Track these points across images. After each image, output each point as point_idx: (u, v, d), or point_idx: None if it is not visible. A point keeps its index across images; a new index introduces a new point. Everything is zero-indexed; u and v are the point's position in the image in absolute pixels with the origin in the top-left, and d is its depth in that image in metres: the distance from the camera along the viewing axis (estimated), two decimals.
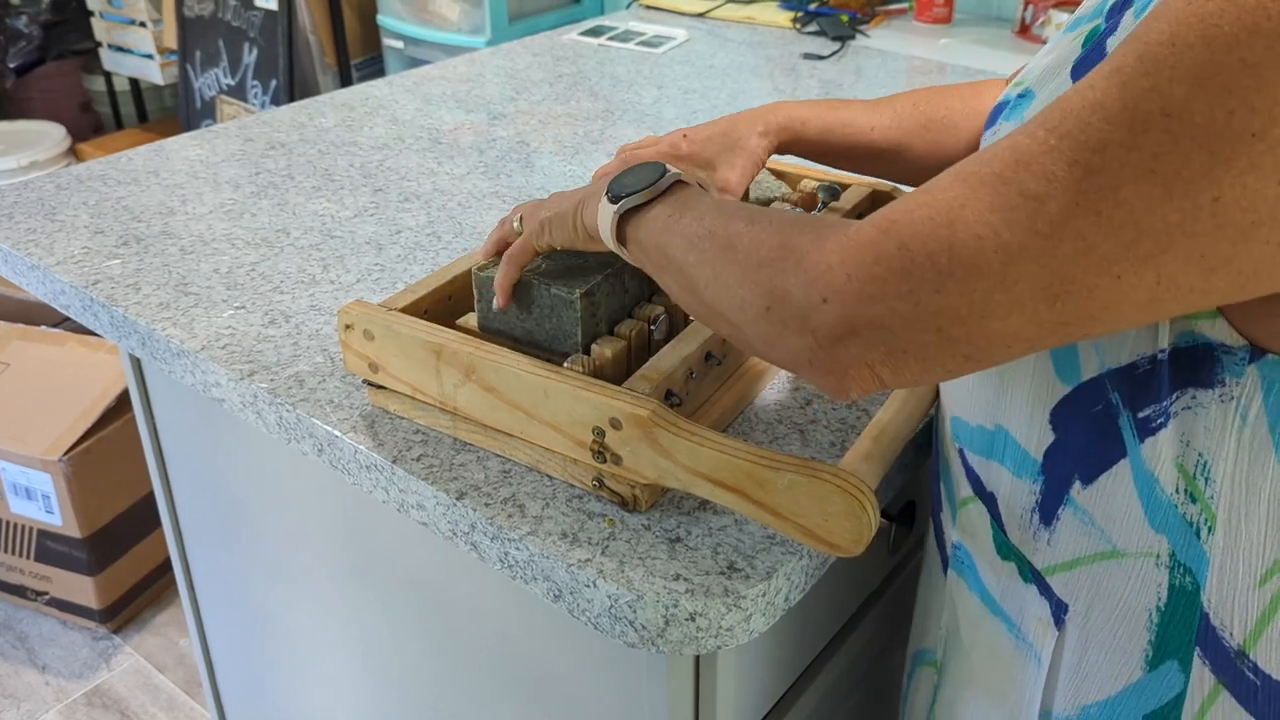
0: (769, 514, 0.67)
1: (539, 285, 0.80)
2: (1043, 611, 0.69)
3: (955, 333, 0.51)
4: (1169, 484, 0.60)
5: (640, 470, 0.72)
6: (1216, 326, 0.55)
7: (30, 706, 1.97)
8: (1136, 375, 0.59)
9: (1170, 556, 0.61)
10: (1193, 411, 0.57)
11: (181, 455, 1.23)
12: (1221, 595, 0.60)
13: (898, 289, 0.51)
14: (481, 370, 0.77)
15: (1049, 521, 0.67)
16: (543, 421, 0.75)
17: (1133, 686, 0.65)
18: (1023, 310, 0.49)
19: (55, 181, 1.29)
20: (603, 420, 0.72)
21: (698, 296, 0.64)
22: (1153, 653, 0.64)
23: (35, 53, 3.43)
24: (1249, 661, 0.60)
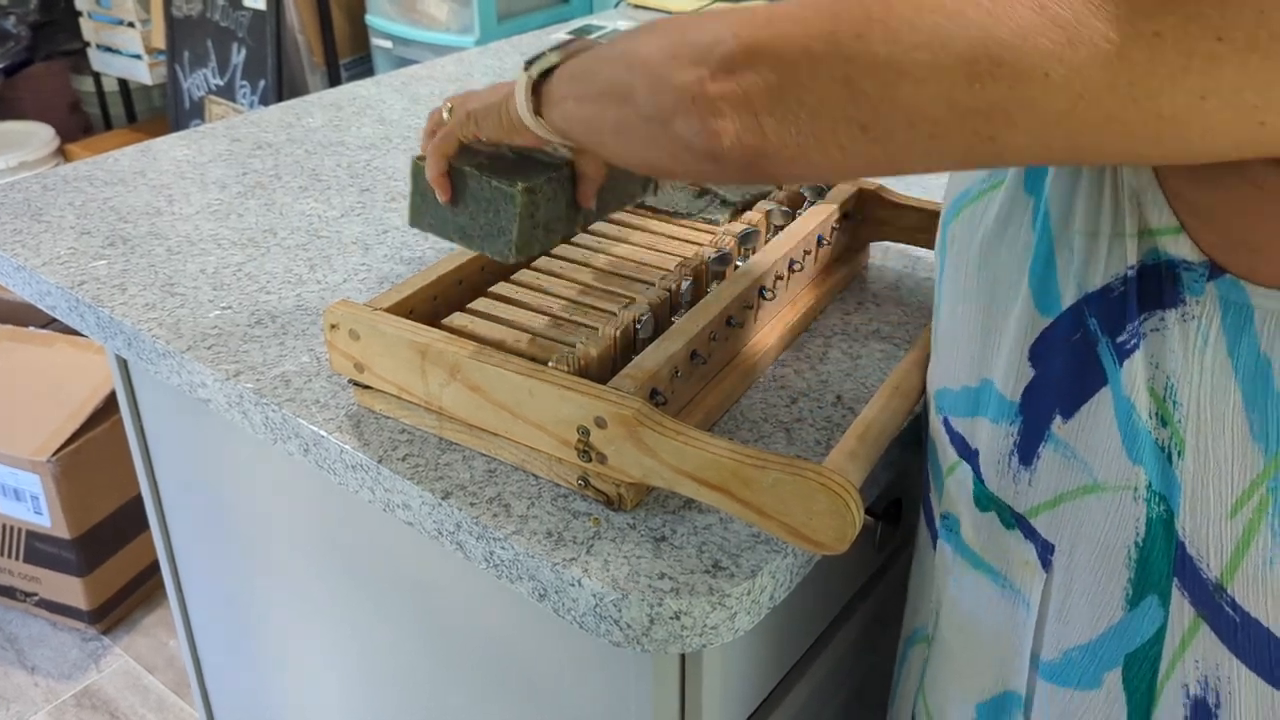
0: (754, 512, 0.67)
1: (478, 176, 0.77)
2: (1029, 555, 0.69)
3: (863, 85, 0.48)
4: (1144, 409, 0.60)
5: (625, 469, 0.72)
6: (1179, 243, 0.56)
7: (19, 708, 1.97)
8: (1111, 299, 0.59)
9: (1147, 488, 0.61)
10: (1160, 334, 0.58)
11: (169, 456, 1.23)
12: (1195, 523, 0.60)
13: (819, 28, 0.48)
14: (467, 370, 0.77)
15: (1028, 461, 0.67)
16: (528, 421, 0.76)
17: (1114, 628, 0.66)
18: (940, 81, 0.47)
19: (42, 182, 1.29)
20: (588, 419, 0.72)
21: (603, 99, 0.62)
22: (1132, 591, 0.64)
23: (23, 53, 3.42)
24: (1227, 596, 0.60)
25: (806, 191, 1.02)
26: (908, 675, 0.89)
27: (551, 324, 0.86)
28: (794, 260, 0.94)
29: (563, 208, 0.81)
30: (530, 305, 0.89)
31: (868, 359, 0.93)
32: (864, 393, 0.89)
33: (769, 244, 0.93)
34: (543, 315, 0.87)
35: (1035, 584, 0.69)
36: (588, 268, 0.95)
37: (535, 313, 0.87)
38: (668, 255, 0.97)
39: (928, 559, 0.84)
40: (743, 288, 0.87)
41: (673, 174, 0.61)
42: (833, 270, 1.03)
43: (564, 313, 0.88)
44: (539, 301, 0.89)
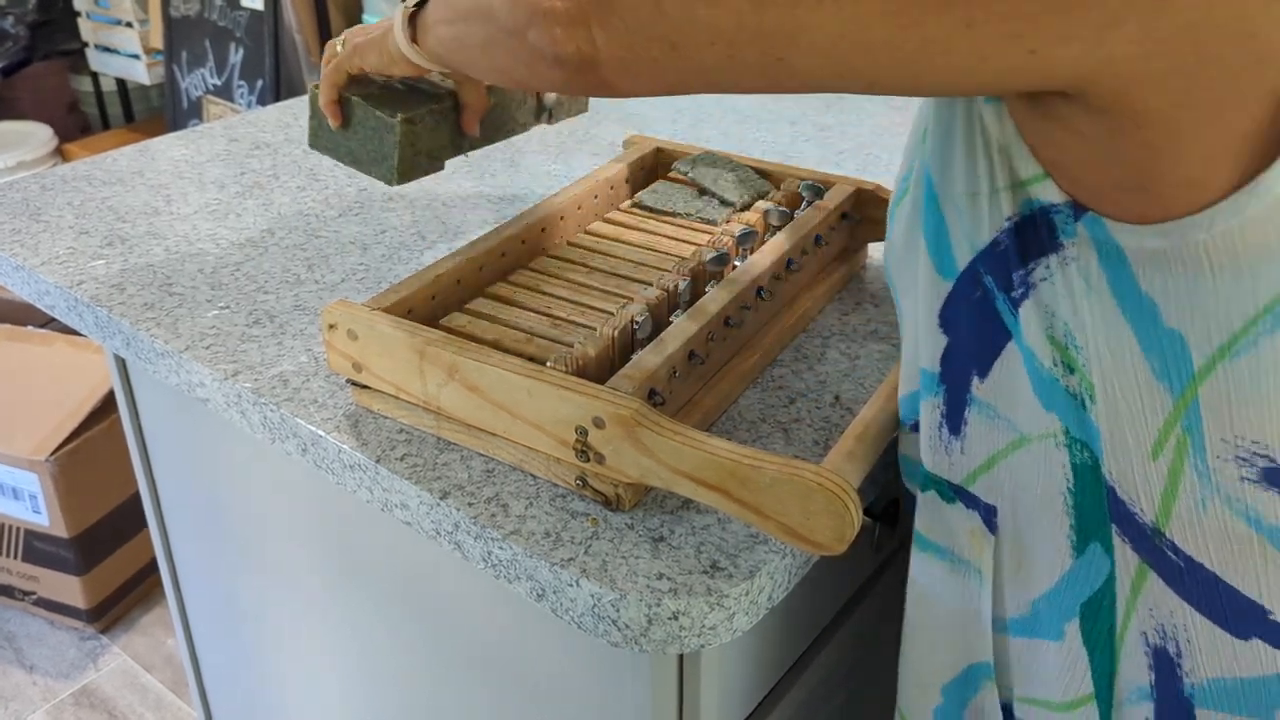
0: (751, 513, 0.67)
1: (364, 106, 0.86)
2: (973, 522, 0.70)
3: (667, 6, 0.53)
4: (1045, 357, 0.62)
5: (623, 469, 0.72)
6: (1046, 187, 0.58)
7: (18, 707, 1.97)
8: (998, 253, 0.62)
9: (1065, 433, 0.63)
10: (1049, 281, 0.60)
11: (167, 455, 1.23)
12: (1120, 467, 0.61)
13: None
14: (465, 370, 0.77)
15: (957, 429, 0.69)
16: (526, 421, 0.76)
17: (1067, 575, 0.67)
18: (730, 2, 0.51)
19: (40, 182, 1.29)
20: (586, 420, 0.72)
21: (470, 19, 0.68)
22: (1076, 537, 0.65)
23: (22, 53, 3.42)
24: (1167, 540, 0.61)
25: (805, 192, 1.02)
26: None
27: (549, 324, 0.86)
28: (792, 260, 0.94)
29: (446, 136, 0.89)
30: (528, 305, 0.89)
31: (866, 359, 0.93)
32: (862, 393, 0.89)
33: (767, 244, 0.93)
34: (541, 315, 0.87)
35: (985, 550, 0.70)
36: (585, 268, 0.95)
37: (533, 313, 0.88)
38: (665, 255, 0.97)
39: None
40: (741, 288, 0.87)
41: (532, 84, 0.65)
42: (831, 270, 1.03)
43: (562, 313, 0.88)
44: (537, 301, 0.89)
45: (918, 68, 0.51)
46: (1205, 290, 0.54)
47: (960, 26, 0.49)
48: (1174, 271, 0.55)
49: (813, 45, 0.51)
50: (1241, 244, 0.52)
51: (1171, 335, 0.56)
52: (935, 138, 0.64)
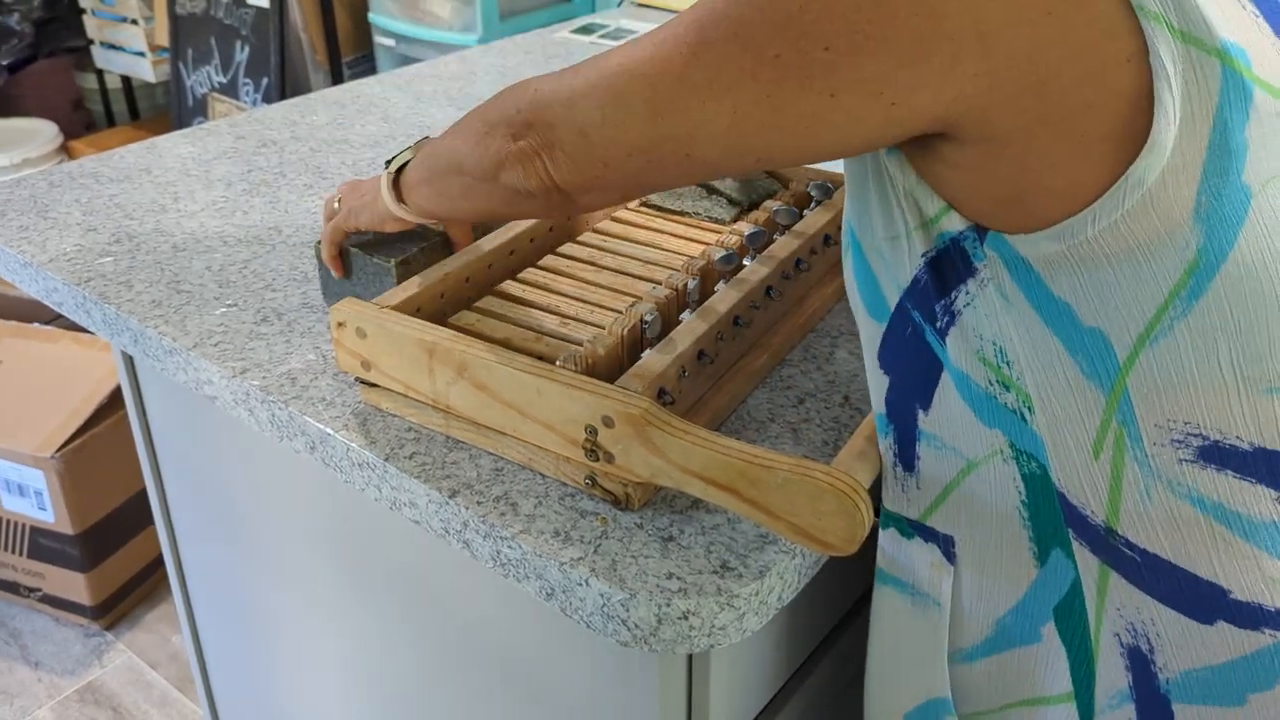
0: (762, 513, 0.67)
1: (361, 256, 0.96)
2: (933, 556, 0.72)
3: (593, 136, 0.63)
4: (980, 379, 0.65)
5: (633, 469, 0.72)
6: (951, 219, 0.62)
7: (23, 703, 1.97)
8: (920, 288, 0.66)
9: (1010, 446, 0.65)
10: (971, 306, 0.63)
11: (174, 452, 1.23)
12: (1066, 472, 0.63)
13: (556, 99, 0.66)
14: (474, 369, 0.77)
15: (910, 466, 0.71)
16: (535, 420, 0.76)
17: (1035, 585, 0.68)
18: (635, 124, 0.61)
19: (47, 179, 1.29)
20: (595, 419, 0.72)
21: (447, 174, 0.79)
22: (1037, 548, 0.67)
23: (27, 50, 3.42)
24: (1120, 538, 0.63)
25: (813, 191, 1.01)
26: None
27: (559, 322, 0.86)
28: (801, 260, 0.94)
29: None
30: (537, 304, 0.89)
31: None
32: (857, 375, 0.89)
33: (776, 244, 0.93)
34: (550, 313, 0.87)
35: (944, 581, 0.72)
36: (594, 266, 0.95)
37: (543, 311, 0.87)
38: (674, 255, 0.97)
39: None
40: (750, 288, 0.87)
41: (515, 216, 0.82)
42: (840, 271, 1.03)
43: (571, 311, 0.87)
44: (546, 300, 0.89)
45: (804, 139, 0.58)
46: (1110, 285, 0.57)
47: (825, 98, 0.56)
48: (1077, 271, 0.58)
49: (711, 138, 0.60)
50: (1130, 235, 0.56)
51: (1092, 333, 0.59)
52: (850, 191, 0.69)
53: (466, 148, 0.74)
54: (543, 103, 0.67)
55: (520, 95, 0.69)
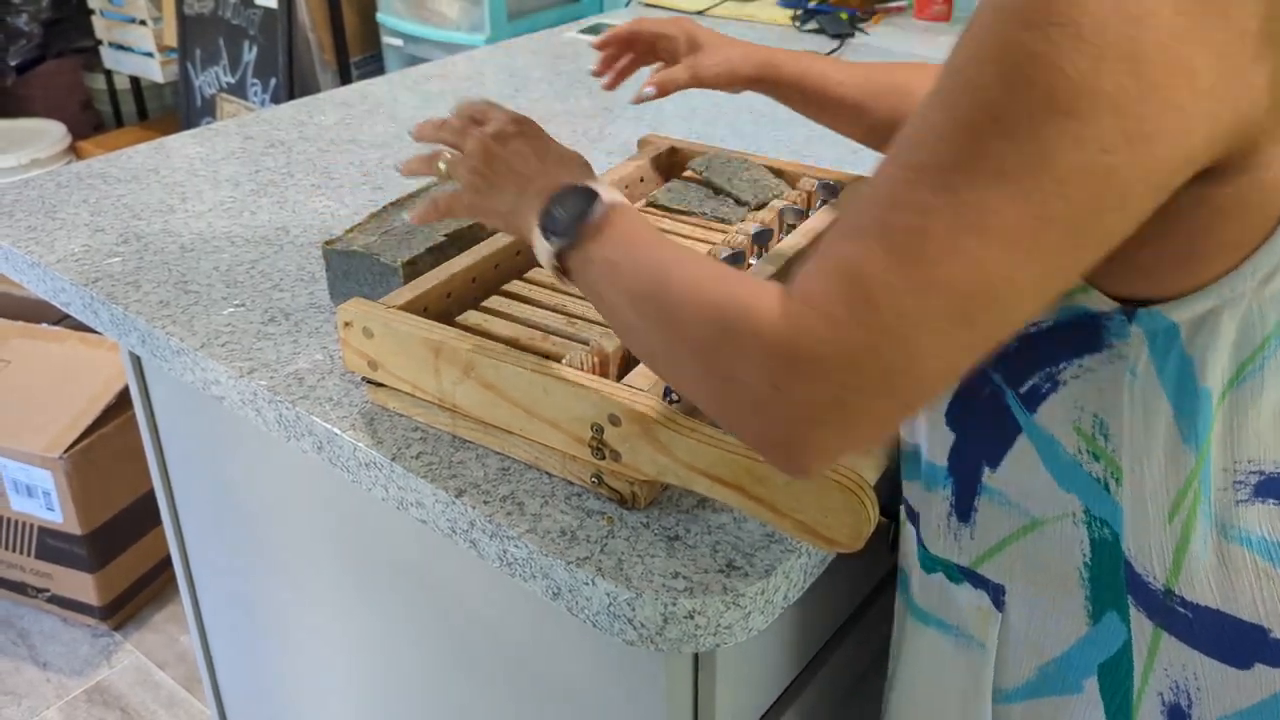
0: (767, 510, 0.67)
1: (368, 257, 0.94)
2: (981, 601, 0.72)
3: (899, 385, 0.51)
4: (1069, 446, 0.64)
5: (639, 467, 0.72)
6: (1091, 297, 0.60)
7: (31, 703, 1.97)
8: (1009, 353, 0.64)
9: (1085, 512, 0.65)
10: (1082, 380, 0.62)
11: (181, 452, 1.23)
12: (1138, 541, 0.63)
13: (839, 364, 0.51)
14: (480, 368, 0.77)
15: (966, 517, 0.71)
16: (542, 419, 0.76)
17: (1083, 640, 0.68)
18: (947, 339, 0.51)
19: (55, 179, 1.29)
20: (602, 417, 0.72)
21: (654, 363, 0.64)
22: (1092, 607, 0.67)
23: (36, 51, 3.43)
24: (1176, 598, 0.62)
25: (820, 191, 1.01)
26: None
27: (566, 322, 0.86)
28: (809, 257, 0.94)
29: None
30: (544, 303, 0.89)
31: None
32: None
33: (782, 242, 0.93)
34: (557, 313, 0.87)
35: (991, 626, 0.72)
36: None
37: (550, 311, 0.87)
38: None
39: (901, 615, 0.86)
40: None
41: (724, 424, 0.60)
42: None
43: (578, 310, 0.87)
44: (553, 299, 0.89)
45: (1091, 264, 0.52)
46: (1225, 333, 0.57)
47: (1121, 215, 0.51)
48: (1211, 325, 0.57)
49: (1025, 309, 0.52)
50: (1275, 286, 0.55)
51: (1204, 393, 0.58)
52: None
53: (697, 387, 0.59)
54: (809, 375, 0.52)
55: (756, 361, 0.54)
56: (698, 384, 0.58)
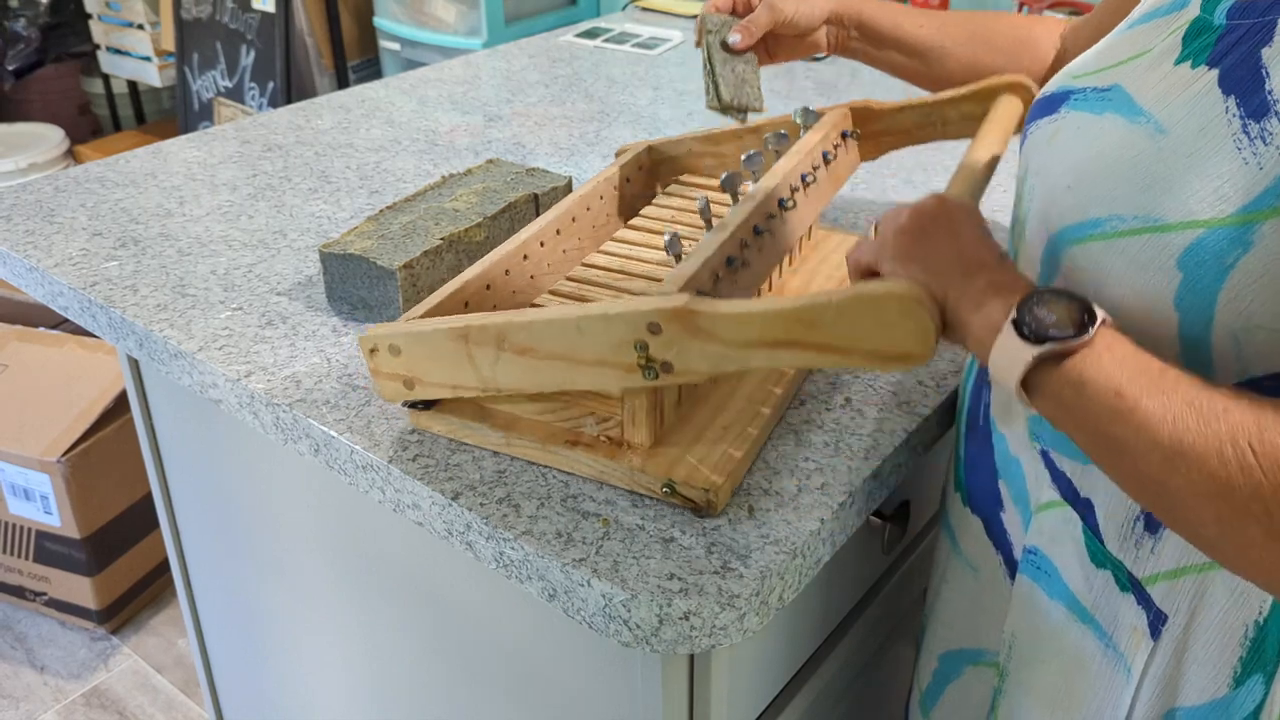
0: (832, 353, 0.65)
1: (365, 260, 0.96)
2: (1139, 621, 0.68)
3: None
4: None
5: (692, 366, 0.70)
6: None
7: (29, 707, 1.97)
8: (1268, 387, 0.58)
9: None
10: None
11: (179, 456, 1.23)
12: None
13: None
14: (512, 335, 0.75)
15: (1155, 529, 0.66)
16: (585, 361, 0.74)
17: (1217, 702, 0.65)
18: None
19: (53, 183, 1.29)
20: (640, 331, 0.70)
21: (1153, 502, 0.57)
22: (1240, 670, 0.64)
23: (33, 55, 3.43)
24: None
25: (797, 116, 1.01)
26: (967, 696, 0.88)
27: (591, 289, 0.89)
28: (805, 174, 0.94)
29: (441, 271, 1.00)
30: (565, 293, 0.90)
31: None
32: (872, 394, 0.89)
33: (778, 162, 0.93)
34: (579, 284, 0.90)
35: (1140, 651, 0.68)
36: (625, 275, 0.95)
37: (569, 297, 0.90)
38: None
39: (995, 583, 0.82)
40: (762, 198, 0.87)
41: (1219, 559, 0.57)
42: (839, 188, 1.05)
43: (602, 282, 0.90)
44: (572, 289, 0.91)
45: None
46: None
47: None
48: None
49: None
50: None
51: None
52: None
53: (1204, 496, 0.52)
54: None
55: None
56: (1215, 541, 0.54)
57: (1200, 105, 0.58)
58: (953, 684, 0.90)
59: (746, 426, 0.82)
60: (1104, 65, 0.67)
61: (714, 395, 0.85)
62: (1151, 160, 0.60)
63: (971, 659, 0.88)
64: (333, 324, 0.99)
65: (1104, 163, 0.63)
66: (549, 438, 0.80)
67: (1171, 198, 0.58)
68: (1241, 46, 0.58)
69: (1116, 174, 0.62)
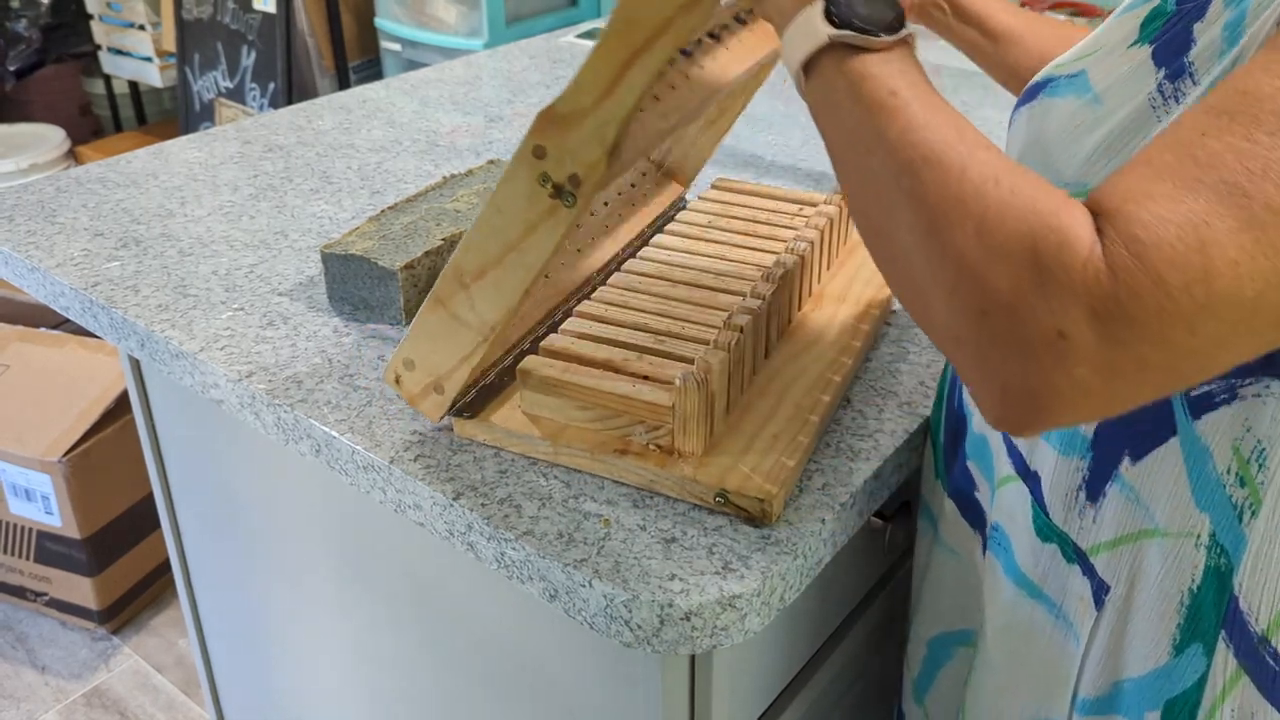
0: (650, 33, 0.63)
1: (366, 261, 0.97)
2: (1084, 591, 0.70)
3: (1187, 368, 0.46)
4: (1221, 463, 0.61)
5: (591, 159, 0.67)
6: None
7: (30, 707, 1.97)
8: None
9: (1210, 537, 0.62)
10: (1261, 399, 0.58)
11: (180, 456, 1.23)
12: (1254, 580, 0.61)
13: (1152, 334, 0.45)
14: (464, 265, 0.75)
15: (1095, 499, 0.68)
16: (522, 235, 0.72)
17: (1158, 671, 0.66)
18: (1259, 340, 0.46)
19: (55, 184, 1.29)
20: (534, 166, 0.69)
21: (876, 236, 0.55)
22: (1180, 637, 0.65)
23: (35, 56, 3.43)
24: (1270, 648, 0.61)
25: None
26: (955, 677, 0.89)
27: (654, 339, 0.85)
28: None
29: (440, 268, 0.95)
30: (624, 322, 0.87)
31: (876, 361, 0.94)
32: (873, 395, 0.89)
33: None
34: (642, 331, 0.86)
35: (1086, 620, 0.70)
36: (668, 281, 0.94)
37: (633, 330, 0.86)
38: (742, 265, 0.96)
39: (971, 558, 0.84)
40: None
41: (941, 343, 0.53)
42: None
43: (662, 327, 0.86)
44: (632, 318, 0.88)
45: None
46: None
47: None
48: None
49: None
50: None
51: None
52: None
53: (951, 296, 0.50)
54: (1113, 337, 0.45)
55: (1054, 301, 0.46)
56: (953, 293, 0.49)
57: (1135, 77, 0.61)
58: (944, 668, 0.91)
59: (797, 434, 0.81)
60: (1080, 55, 0.69)
61: (762, 404, 0.84)
62: (1086, 132, 0.62)
63: (961, 640, 0.88)
64: (334, 324, 0.99)
65: (1048, 137, 0.66)
66: (598, 446, 0.79)
67: (1105, 165, 0.60)
68: (1180, 24, 0.60)
69: (1059, 146, 0.64)
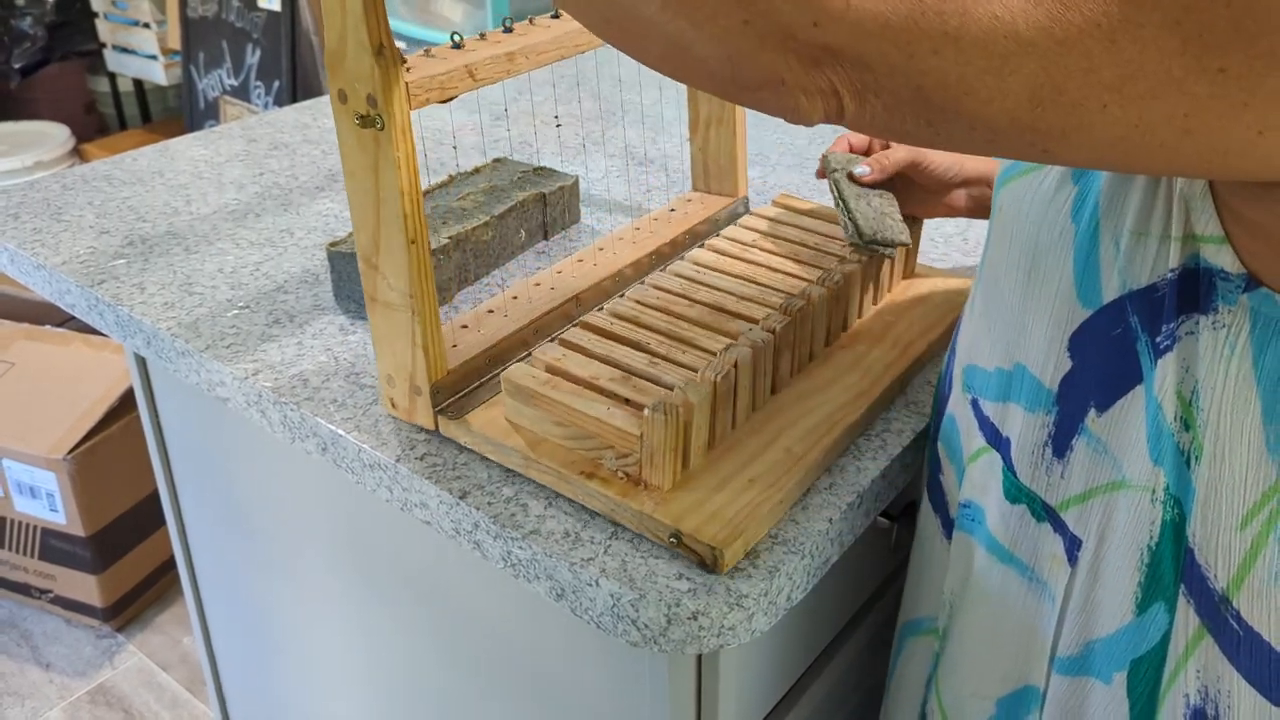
0: None
1: None
2: (1057, 549, 0.69)
3: (932, 96, 0.48)
4: (1170, 411, 0.61)
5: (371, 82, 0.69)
6: (1221, 253, 0.57)
7: (34, 704, 1.98)
8: (1154, 298, 0.60)
9: (1165, 491, 0.62)
10: (1193, 337, 0.59)
11: (185, 454, 1.23)
12: (1206, 531, 0.60)
13: (896, 37, 0.47)
14: (361, 245, 0.76)
15: (1061, 453, 0.68)
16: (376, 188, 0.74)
17: (1123, 630, 0.66)
18: (1004, 101, 0.48)
19: (61, 181, 1.29)
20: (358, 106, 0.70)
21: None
22: (1141, 595, 0.65)
23: (40, 54, 3.44)
24: (1232, 609, 0.60)
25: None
26: (909, 665, 0.89)
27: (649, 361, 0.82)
28: None
29: (450, 271, 1.01)
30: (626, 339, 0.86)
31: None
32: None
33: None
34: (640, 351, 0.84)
35: (1060, 578, 0.70)
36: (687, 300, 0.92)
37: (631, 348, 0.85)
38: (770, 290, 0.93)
39: (932, 547, 0.84)
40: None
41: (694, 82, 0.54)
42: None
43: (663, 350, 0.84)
44: (636, 335, 0.86)
45: (1189, 167, 0.49)
46: None
47: (1252, 134, 0.46)
48: None
49: (1085, 145, 0.49)
50: None
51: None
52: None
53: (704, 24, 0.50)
54: (867, 33, 0.48)
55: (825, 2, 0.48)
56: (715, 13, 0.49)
57: None
58: (899, 659, 0.91)
59: (781, 476, 0.77)
60: None
61: (752, 442, 0.80)
62: None
63: (912, 630, 0.88)
64: (340, 322, 0.99)
65: None
66: (568, 465, 0.77)
67: None
68: None
69: None
